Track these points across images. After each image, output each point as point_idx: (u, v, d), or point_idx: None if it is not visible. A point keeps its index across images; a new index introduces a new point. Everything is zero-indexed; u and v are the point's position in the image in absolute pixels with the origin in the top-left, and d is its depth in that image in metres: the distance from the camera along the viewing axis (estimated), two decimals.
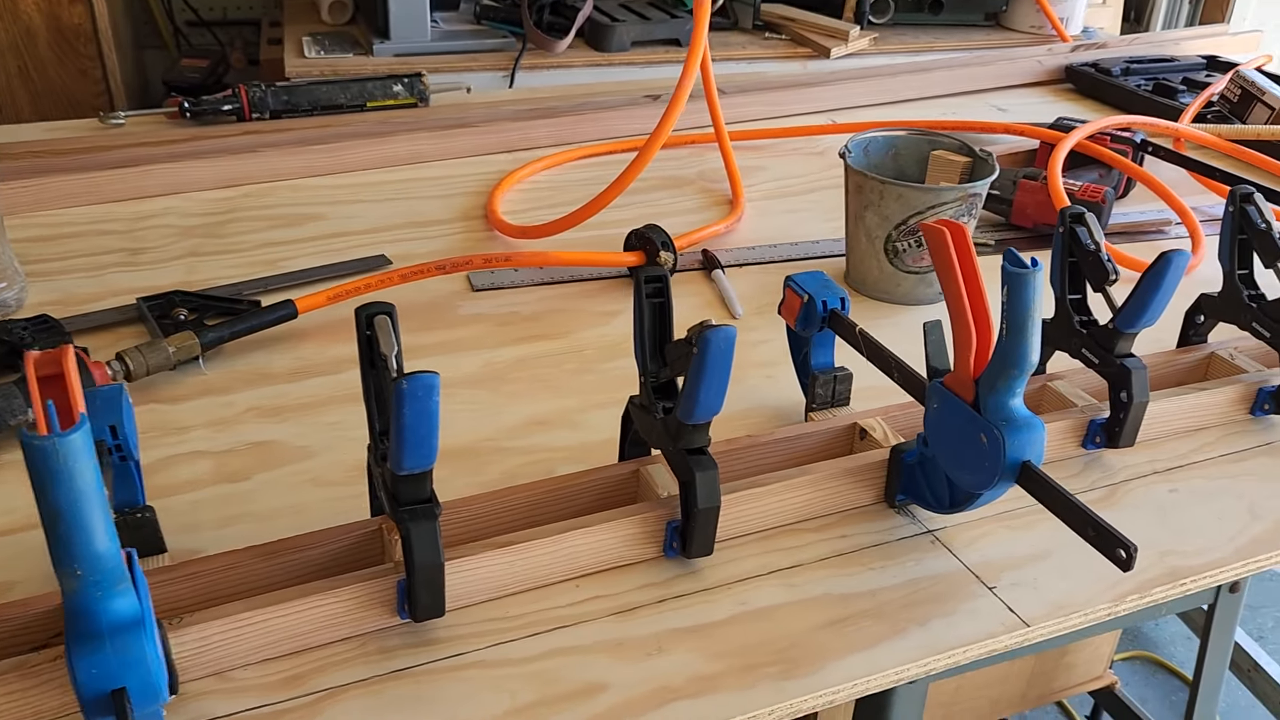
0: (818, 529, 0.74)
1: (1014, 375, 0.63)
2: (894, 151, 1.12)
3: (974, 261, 0.66)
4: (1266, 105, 1.49)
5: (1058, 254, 0.83)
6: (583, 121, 1.44)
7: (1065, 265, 0.82)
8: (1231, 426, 0.87)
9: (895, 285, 1.05)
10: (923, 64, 1.73)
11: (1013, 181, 1.22)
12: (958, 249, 0.66)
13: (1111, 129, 1.33)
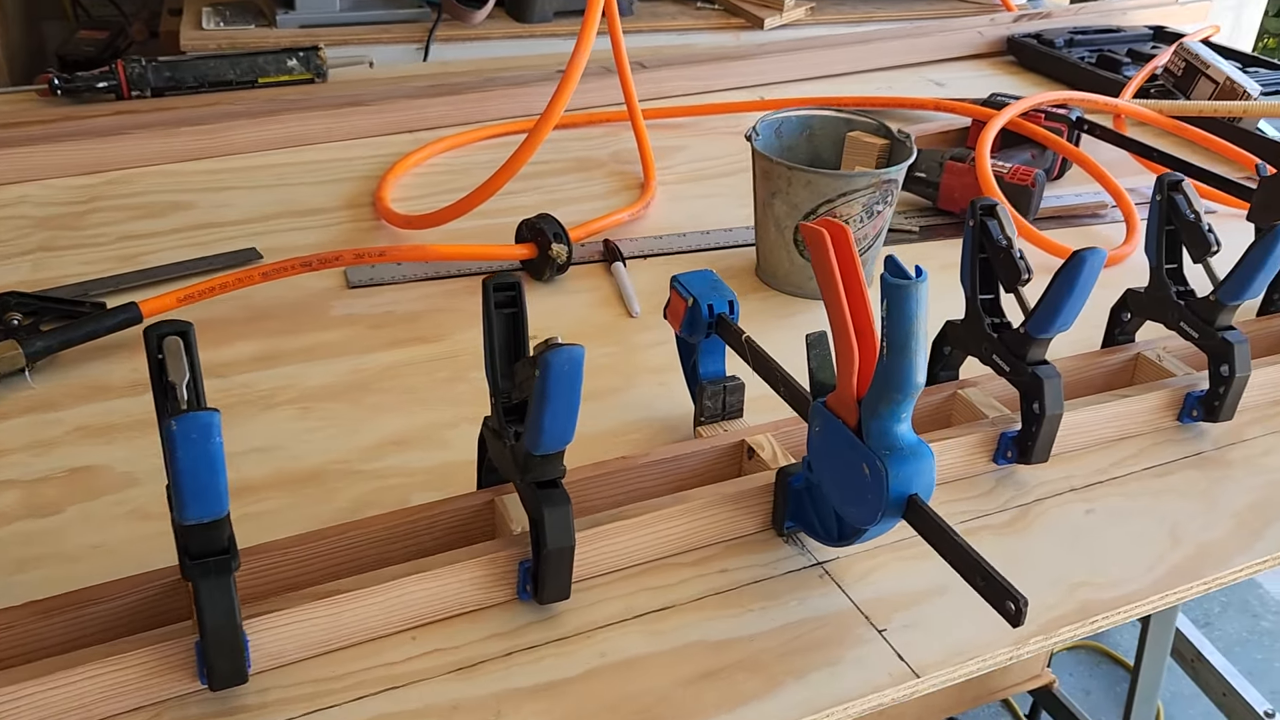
0: (695, 563, 0.66)
1: (897, 400, 0.55)
2: (809, 133, 1.04)
3: (857, 267, 0.58)
4: (1210, 79, 1.43)
5: (967, 249, 0.75)
6: (490, 99, 1.35)
7: (976, 262, 0.75)
8: (1158, 435, 0.80)
9: (808, 279, 0.98)
10: (858, 35, 1.64)
11: (939, 163, 1.15)
12: (838, 252, 0.58)
13: (1046, 105, 1.25)
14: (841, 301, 0.57)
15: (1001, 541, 0.69)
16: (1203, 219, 0.78)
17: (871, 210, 0.93)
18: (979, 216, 0.74)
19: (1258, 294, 0.76)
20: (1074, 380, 0.82)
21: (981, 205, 0.74)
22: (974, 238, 0.74)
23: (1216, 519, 0.72)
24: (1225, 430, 0.81)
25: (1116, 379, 0.84)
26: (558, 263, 0.97)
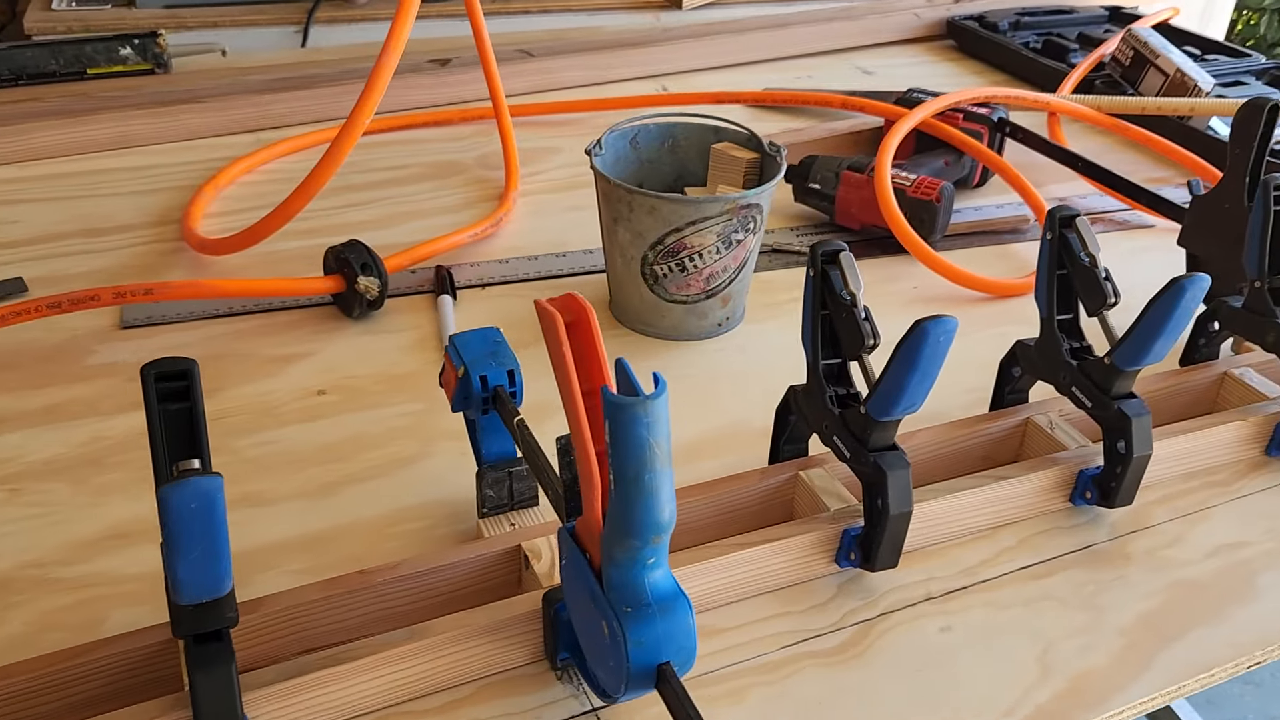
0: (440, 709, 0.53)
1: (634, 546, 0.42)
2: (671, 143, 0.90)
3: (600, 361, 0.44)
4: (1160, 70, 1.28)
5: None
6: (348, 93, 1.20)
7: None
8: (1044, 522, 0.67)
9: (660, 316, 0.84)
10: (777, 19, 1.49)
11: (835, 173, 1.01)
12: (574, 341, 0.44)
13: (966, 104, 1.11)
14: (578, 407, 0.44)
15: (829, 675, 0.56)
16: (1099, 264, 0.65)
17: (729, 240, 0.79)
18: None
19: (1158, 358, 0.62)
20: (947, 454, 0.69)
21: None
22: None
23: (1101, 639, 0.59)
24: (1126, 516, 0.68)
25: (1000, 449, 0.71)
26: (367, 298, 0.83)
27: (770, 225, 1.03)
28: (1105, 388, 0.64)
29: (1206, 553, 0.65)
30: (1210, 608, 0.61)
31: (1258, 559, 0.65)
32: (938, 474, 0.67)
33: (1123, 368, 0.63)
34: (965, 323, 0.85)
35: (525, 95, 1.30)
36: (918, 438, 0.68)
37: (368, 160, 1.12)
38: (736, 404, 0.78)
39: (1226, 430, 0.71)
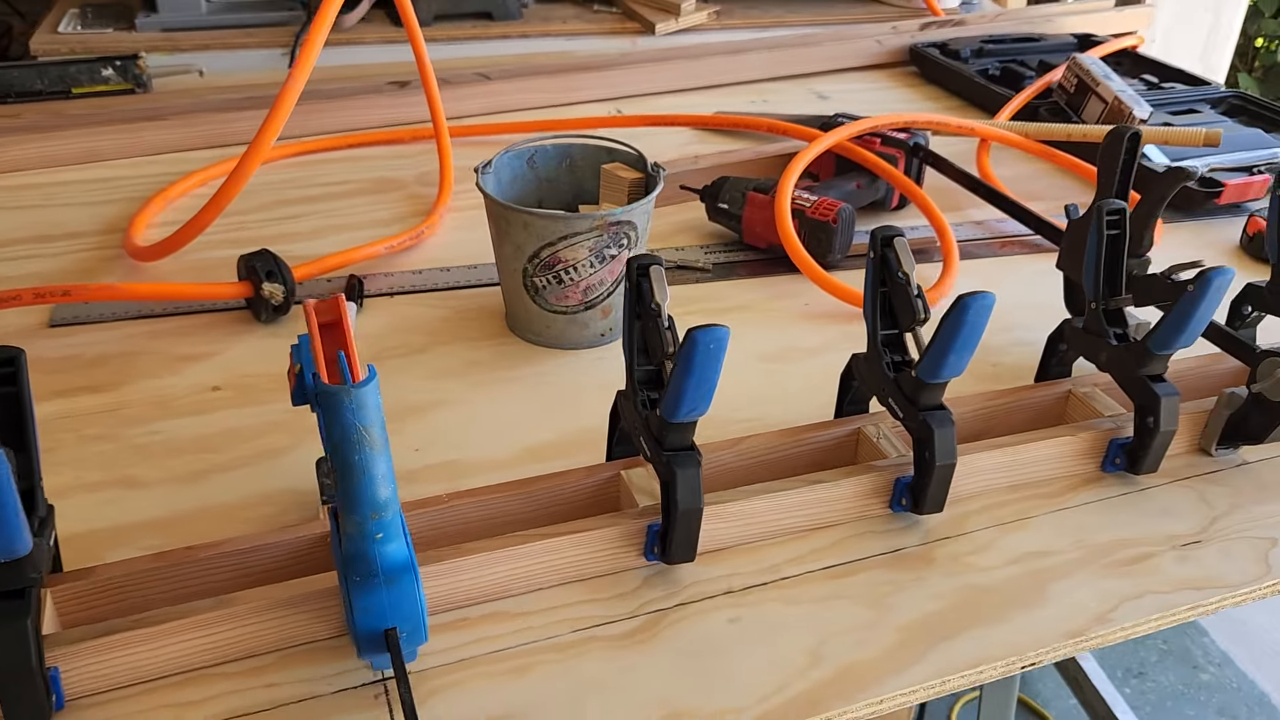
0: (243, 674, 0.58)
1: (356, 521, 0.47)
2: (569, 162, 0.95)
3: (350, 354, 0.49)
4: (1100, 98, 1.30)
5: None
6: (309, 113, 1.27)
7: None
8: (863, 525, 0.70)
9: (545, 327, 0.89)
10: (733, 45, 1.54)
11: (742, 194, 1.05)
12: (331, 338, 0.49)
13: (885, 129, 1.14)
14: None
15: (613, 656, 0.60)
16: (912, 282, 0.68)
17: (602, 254, 0.84)
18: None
19: (956, 372, 0.65)
20: (783, 458, 0.73)
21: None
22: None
23: (878, 634, 0.62)
24: (943, 522, 0.71)
25: (833, 457, 0.74)
26: (272, 303, 0.89)
27: (683, 242, 1.08)
28: (914, 399, 0.67)
29: (1008, 560, 0.68)
30: (994, 611, 0.64)
31: (1057, 568, 0.67)
32: (765, 477, 0.71)
33: (926, 380, 0.66)
34: (845, 338, 0.90)
35: (481, 116, 1.37)
36: (748, 443, 0.72)
37: (312, 176, 1.19)
38: (599, 410, 0.82)
39: (1056, 445, 0.74)
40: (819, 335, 0.93)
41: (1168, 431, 0.72)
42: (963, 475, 0.72)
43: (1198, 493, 0.74)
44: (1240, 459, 0.78)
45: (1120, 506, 0.73)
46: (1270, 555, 0.69)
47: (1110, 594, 0.65)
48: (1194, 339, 0.69)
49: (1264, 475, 0.76)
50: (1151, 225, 0.82)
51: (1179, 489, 0.75)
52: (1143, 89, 1.47)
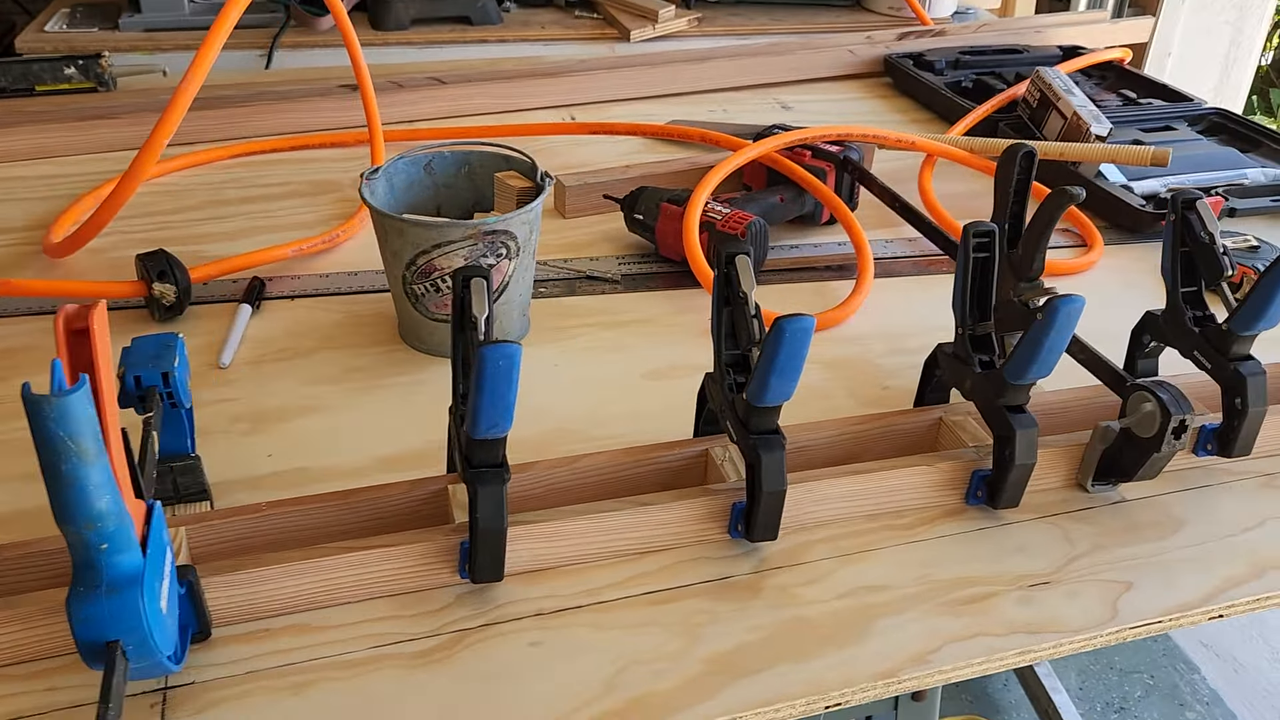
0: (30, 676, 0.58)
1: (71, 533, 0.46)
2: (468, 169, 0.94)
3: (96, 364, 0.49)
4: (1060, 113, 1.26)
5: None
6: (256, 114, 1.29)
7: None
8: (699, 550, 0.68)
9: (429, 334, 0.88)
10: (699, 53, 1.52)
11: (656, 205, 1.03)
12: (81, 346, 0.49)
13: (819, 141, 1.12)
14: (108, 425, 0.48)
15: (404, 675, 0.59)
16: (751, 299, 0.66)
17: (478, 263, 0.83)
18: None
19: (784, 397, 0.63)
20: (622, 478, 0.71)
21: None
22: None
23: (682, 665, 0.60)
24: (782, 551, 0.68)
25: (681, 478, 0.72)
26: (164, 303, 0.90)
27: (600, 252, 1.06)
28: (745, 422, 0.65)
29: (840, 593, 0.65)
30: (809, 646, 0.61)
31: (889, 604, 0.65)
32: (603, 497, 0.69)
33: (755, 404, 0.64)
34: None
35: (434, 120, 1.37)
36: (586, 462, 0.71)
37: (255, 176, 1.20)
38: None
39: (913, 474, 0.71)
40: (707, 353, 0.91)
41: (1025, 465, 0.69)
42: (810, 502, 0.70)
43: (1062, 531, 0.71)
44: (1119, 496, 0.74)
45: (975, 542, 0.70)
46: (1120, 600, 0.66)
47: (937, 634, 0.63)
48: (1048, 369, 0.66)
49: (1138, 514, 0.73)
50: (1042, 247, 0.79)
51: (1042, 526, 0.71)
52: (1117, 104, 1.43)
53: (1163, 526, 0.72)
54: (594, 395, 0.85)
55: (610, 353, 0.90)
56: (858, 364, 0.90)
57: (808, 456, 0.74)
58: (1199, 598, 0.66)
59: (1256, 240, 1.03)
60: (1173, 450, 0.69)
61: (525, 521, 0.64)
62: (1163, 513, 0.73)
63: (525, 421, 0.80)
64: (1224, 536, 0.71)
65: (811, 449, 0.75)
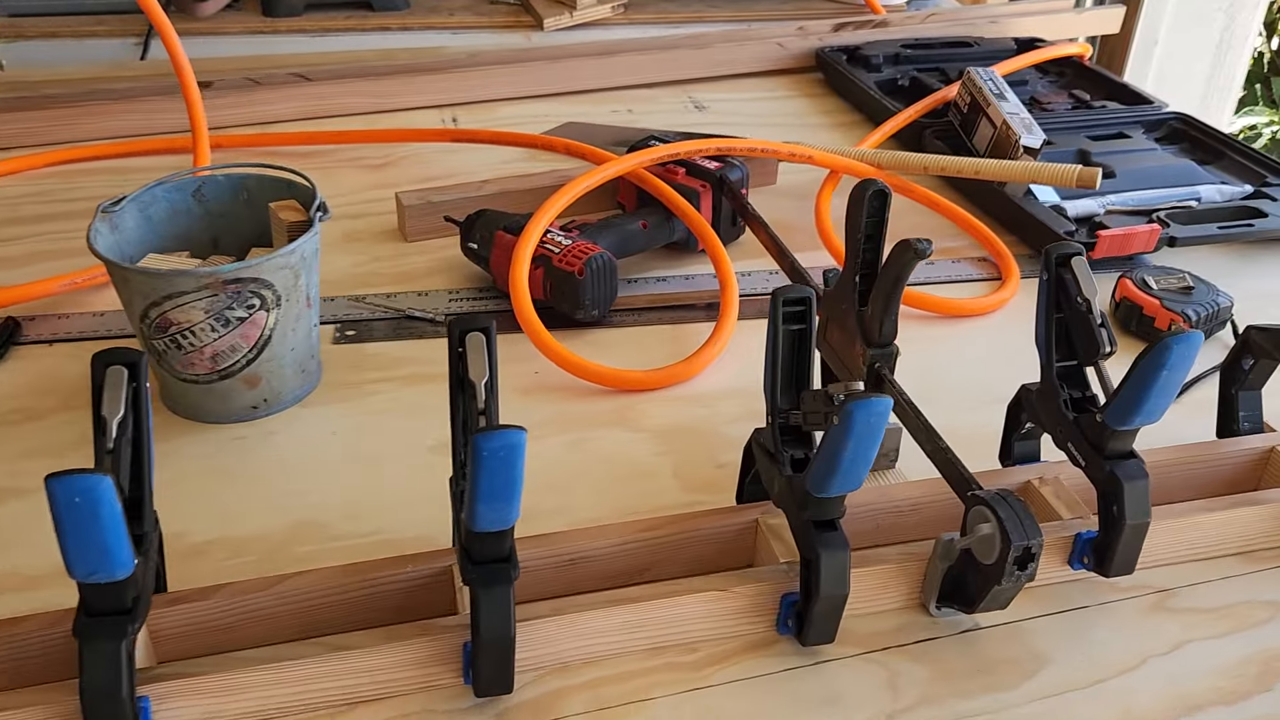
0: None
1: None
2: (247, 197, 0.80)
3: None
4: (990, 121, 1.10)
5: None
6: (89, 114, 1.15)
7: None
8: (427, 700, 0.55)
9: (181, 395, 0.74)
10: (604, 45, 1.37)
11: (491, 232, 0.89)
12: None
13: (692, 156, 0.97)
14: None
15: None
16: None
17: (224, 317, 0.69)
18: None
19: (507, 522, 0.49)
20: (342, 602, 0.57)
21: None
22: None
23: None
24: (531, 700, 0.54)
25: (422, 602, 0.58)
26: None
27: (434, 285, 0.92)
28: (468, 550, 0.51)
29: None
30: None
31: None
32: (312, 625, 0.56)
33: (475, 529, 0.50)
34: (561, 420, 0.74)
35: (296, 121, 1.23)
36: (291, 584, 0.57)
37: (62, 189, 1.07)
38: (197, 503, 0.68)
39: (705, 601, 0.57)
40: (532, 413, 0.77)
41: (833, 596, 0.55)
42: (573, 637, 0.56)
43: (889, 673, 0.57)
44: (973, 623, 0.60)
45: (777, 686, 0.56)
46: None
47: None
48: (856, 482, 0.52)
49: (990, 649, 0.58)
50: (892, 309, 0.64)
51: (866, 665, 0.57)
52: (1067, 107, 1.27)
53: (1018, 667, 0.58)
54: (365, 475, 0.71)
55: (404, 417, 0.77)
56: (698, 432, 0.76)
57: (585, 572, 0.60)
58: None
59: (1192, 280, 0.88)
60: (1018, 583, 0.55)
61: (181, 675, 0.50)
62: (1022, 646, 0.59)
63: (270, 510, 0.68)
64: (1092, 683, 0.57)
65: (592, 560, 0.61)
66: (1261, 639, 0.60)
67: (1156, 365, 0.53)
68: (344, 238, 0.99)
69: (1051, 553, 0.61)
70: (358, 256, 0.97)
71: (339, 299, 0.89)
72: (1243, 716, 0.55)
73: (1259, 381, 0.72)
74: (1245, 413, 0.72)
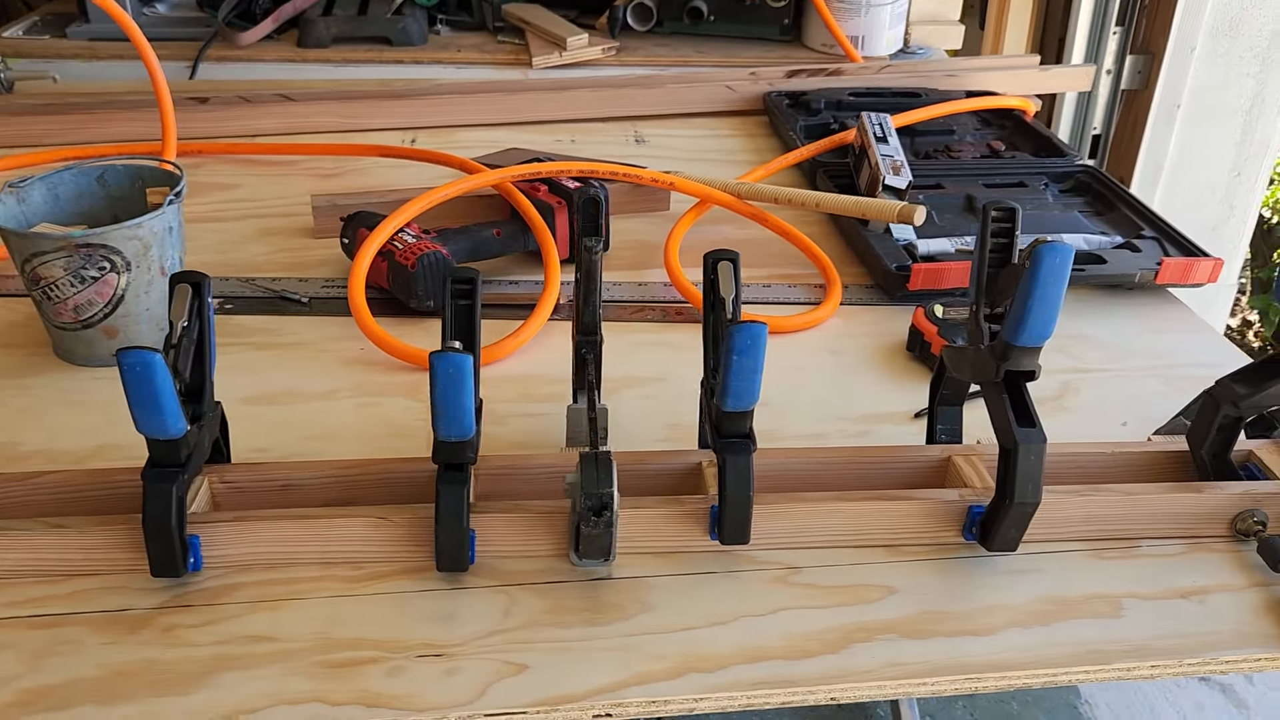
0: None
1: None
2: (141, 183, 0.96)
3: None
4: (869, 162, 1.17)
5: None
6: (97, 120, 1.36)
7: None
8: (128, 579, 0.67)
9: (58, 341, 0.91)
10: (561, 82, 1.50)
11: (356, 231, 1.03)
12: None
13: (561, 175, 1.08)
14: None
15: None
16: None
17: (81, 275, 0.85)
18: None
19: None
20: (80, 498, 0.71)
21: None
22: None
23: None
24: (209, 589, 0.67)
25: None
26: None
27: (315, 274, 1.06)
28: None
29: (219, 639, 0.63)
30: (135, 689, 0.59)
31: (257, 657, 0.62)
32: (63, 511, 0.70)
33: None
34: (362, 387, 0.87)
35: (278, 135, 1.41)
36: (44, 479, 0.71)
37: None
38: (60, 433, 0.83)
39: (362, 525, 0.68)
40: (340, 380, 0.90)
41: (451, 529, 0.65)
42: (248, 542, 0.68)
43: (510, 602, 0.66)
44: (607, 574, 0.69)
45: (407, 603, 0.66)
46: (498, 684, 0.60)
47: (274, 694, 0.59)
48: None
49: (609, 595, 0.67)
50: (593, 302, 0.74)
51: (494, 595, 0.67)
52: (978, 155, 1.32)
53: (620, 610, 0.66)
54: None
55: (234, 374, 0.90)
56: None
57: (296, 497, 0.72)
58: (584, 691, 0.60)
59: None
60: (600, 530, 0.63)
61: None
62: (634, 596, 0.67)
63: (89, 436, 0.82)
64: (674, 630, 0.64)
65: (301, 488, 0.72)
66: (858, 614, 0.66)
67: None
68: (264, 231, 1.15)
69: (690, 523, 0.69)
70: (268, 247, 1.12)
71: (232, 279, 1.05)
72: (798, 670, 0.62)
73: (954, 398, 0.78)
74: (943, 425, 0.78)
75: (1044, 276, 0.61)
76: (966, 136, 1.39)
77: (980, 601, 0.67)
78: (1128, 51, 1.99)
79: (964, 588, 0.68)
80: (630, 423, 0.86)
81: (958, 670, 0.62)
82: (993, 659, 0.63)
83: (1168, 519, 0.72)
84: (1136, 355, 0.95)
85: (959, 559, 0.70)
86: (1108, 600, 0.67)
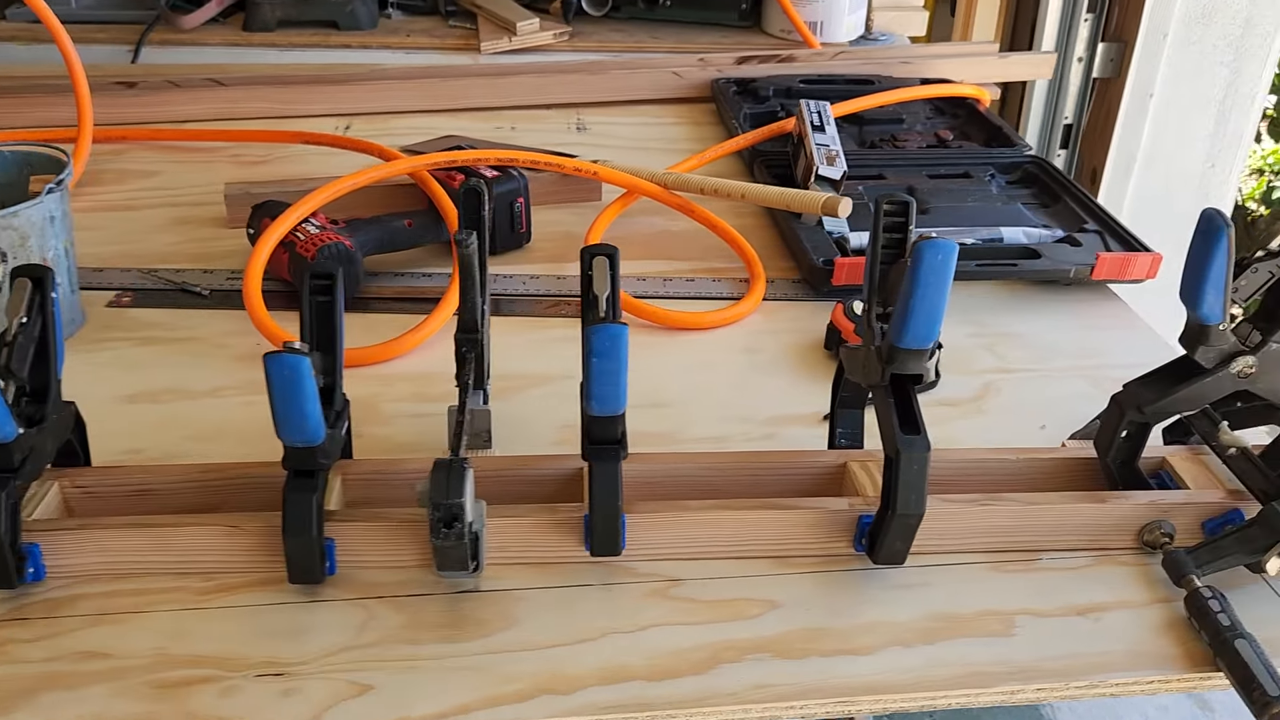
0: None
1: None
2: (30, 169, 0.92)
3: None
4: (805, 151, 1.13)
5: None
6: (6, 106, 1.32)
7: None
8: None
9: None
10: (500, 68, 1.46)
11: (260, 221, 0.99)
12: None
13: (479, 163, 1.04)
14: None
15: None
16: None
17: None
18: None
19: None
20: None
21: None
22: None
23: None
24: (48, 600, 0.63)
25: None
26: None
27: (221, 266, 1.03)
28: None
29: (49, 656, 0.59)
30: None
31: (90, 676, 0.58)
32: None
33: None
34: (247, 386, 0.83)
35: (210, 121, 1.37)
36: None
37: None
38: None
39: (210, 535, 0.64)
40: (230, 377, 0.86)
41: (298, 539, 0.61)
42: (92, 551, 0.64)
43: (368, 615, 0.63)
44: (473, 585, 0.65)
45: (256, 617, 0.62)
46: (338, 707, 0.57)
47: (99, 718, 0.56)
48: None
49: (474, 609, 0.63)
50: (472, 296, 0.70)
51: (351, 608, 0.63)
52: (924, 145, 1.28)
53: (482, 626, 0.62)
54: None
55: (117, 369, 0.87)
56: (364, 405, 0.83)
57: (155, 503, 0.68)
58: (423, 715, 0.57)
59: None
60: (451, 542, 0.60)
61: None
62: (499, 610, 0.63)
63: None
64: (535, 647, 0.61)
65: (159, 493, 0.69)
66: (732, 631, 0.62)
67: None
68: (176, 221, 1.11)
69: (564, 532, 0.66)
70: (178, 237, 1.09)
71: (134, 270, 1.01)
72: (658, 692, 0.58)
73: (855, 400, 0.74)
74: (843, 429, 0.75)
75: (924, 275, 0.58)
76: (916, 126, 1.35)
77: (863, 618, 0.63)
78: (1099, 39, 1.95)
79: (848, 603, 0.64)
80: (529, 423, 0.82)
81: (830, 693, 0.58)
82: (869, 680, 0.59)
83: (1072, 530, 0.68)
84: (1064, 354, 0.91)
85: (848, 571, 0.67)
86: (1000, 617, 0.64)
